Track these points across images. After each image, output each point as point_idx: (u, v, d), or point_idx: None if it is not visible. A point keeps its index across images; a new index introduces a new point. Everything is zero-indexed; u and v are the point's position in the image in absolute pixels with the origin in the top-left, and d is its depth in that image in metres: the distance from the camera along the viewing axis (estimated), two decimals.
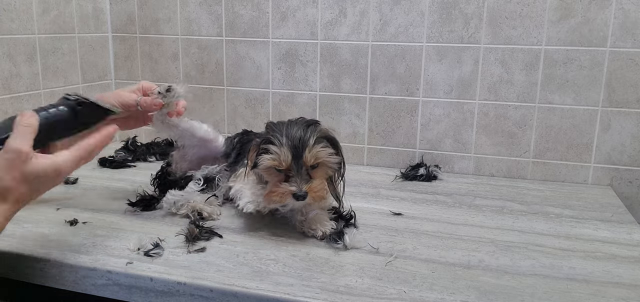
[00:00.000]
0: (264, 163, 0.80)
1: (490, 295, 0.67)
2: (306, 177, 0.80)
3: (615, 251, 0.81)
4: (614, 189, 1.13)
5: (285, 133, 0.80)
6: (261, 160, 0.80)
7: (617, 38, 1.08)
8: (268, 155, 0.79)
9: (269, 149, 0.79)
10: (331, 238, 0.81)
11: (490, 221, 0.93)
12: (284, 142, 0.79)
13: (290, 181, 0.79)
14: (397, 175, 1.18)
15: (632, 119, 1.11)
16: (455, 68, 1.18)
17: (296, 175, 0.79)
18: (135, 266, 0.72)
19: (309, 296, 0.65)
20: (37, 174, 0.63)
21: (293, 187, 0.78)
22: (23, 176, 0.62)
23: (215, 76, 1.35)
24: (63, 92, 0.78)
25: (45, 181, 0.65)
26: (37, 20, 1.17)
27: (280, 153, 0.79)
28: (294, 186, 0.78)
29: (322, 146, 0.80)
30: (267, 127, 0.85)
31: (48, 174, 0.64)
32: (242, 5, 1.29)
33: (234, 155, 0.98)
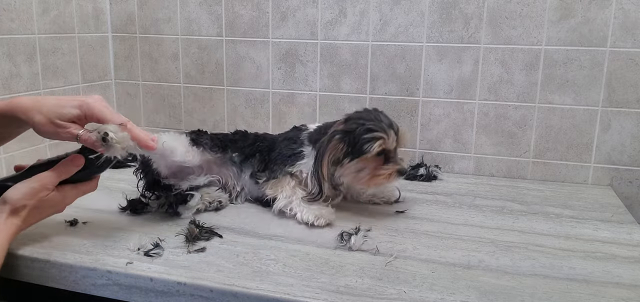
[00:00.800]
0: (375, 149, 0.87)
1: (490, 295, 0.67)
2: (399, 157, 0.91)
3: (615, 251, 0.81)
4: (614, 189, 1.13)
5: (382, 120, 0.89)
6: (369, 147, 0.87)
7: (617, 38, 1.08)
8: (377, 141, 0.87)
9: (378, 135, 0.87)
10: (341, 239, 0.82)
11: (490, 221, 0.93)
12: (387, 127, 0.88)
13: (390, 162, 0.90)
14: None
15: (632, 119, 1.11)
16: (455, 68, 1.18)
17: (395, 156, 0.90)
18: (135, 266, 0.72)
19: (309, 296, 0.65)
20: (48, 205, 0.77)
21: (398, 166, 0.90)
22: (38, 203, 0.75)
23: (215, 76, 1.35)
24: (63, 92, 0.78)
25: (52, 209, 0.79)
26: (37, 20, 1.17)
27: (389, 137, 0.88)
28: (398, 165, 0.90)
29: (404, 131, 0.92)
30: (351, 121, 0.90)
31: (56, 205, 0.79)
32: (242, 5, 1.29)
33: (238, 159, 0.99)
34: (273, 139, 1.01)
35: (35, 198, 0.74)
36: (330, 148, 0.89)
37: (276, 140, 1.00)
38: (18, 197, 0.73)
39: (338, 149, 0.89)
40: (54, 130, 0.75)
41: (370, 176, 0.90)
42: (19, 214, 0.73)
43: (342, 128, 0.90)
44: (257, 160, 0.97)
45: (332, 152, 0.89)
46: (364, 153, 0.87)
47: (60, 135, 0.75)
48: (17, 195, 0.73)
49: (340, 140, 0.89)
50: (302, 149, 0.95)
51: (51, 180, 0.76)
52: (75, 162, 0.78)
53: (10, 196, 0.74)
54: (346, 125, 0.90)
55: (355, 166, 0.90)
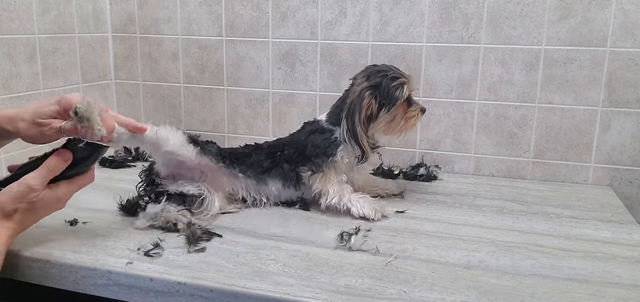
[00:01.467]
0: (405, 93, 0.93)
1: (490, 295, 0.67)
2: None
3: (615, 251, 0.81)
4: (614, 189, 1.13)
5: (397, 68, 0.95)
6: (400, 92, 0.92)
7: (617, 38, 1.08)
8: (405, 85, 0.93)
9: (402, 81, 0.92)
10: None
11: (490, 221, 0.93)
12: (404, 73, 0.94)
13: (413, 104, 0.96)
14: (397, 174, 1.18)
15: (632, 119, 1.11)
16: (455, 68, 1.18)
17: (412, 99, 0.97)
18: (135, 266, 0.72)
19: (309, 296, 0.65)
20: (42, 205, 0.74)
21: (420, 105, 0.97)
22: (29, 205, 0.73)
23: (215, 76, 1.35)
24: (63, 92, 0.78)
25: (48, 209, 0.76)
26: (37, 20, 1.17)
27: (410, 80, 0.94)
28: (419, 105, 0.97)
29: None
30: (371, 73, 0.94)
31: (51, 204, 0.76)
32: (242, 5, 1.29)
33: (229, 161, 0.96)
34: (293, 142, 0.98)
35: (25, 200, 0.72)
36: (364, 105, 0.91)
37: (298, 141, 0.97)
38: (7, 201, 0.71)
39: (372, 104, 0.92)
40: (37, 130, 0.76)
41: (404, 121, 0.95)
42: (12, 217, 0.72)
43: (367, 84, 0.92)
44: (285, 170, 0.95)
45: (367, 109, 0.91)
46: (397, 99, 0.92)
47: (44, 134, 0.76)
48: (5, 199, 0.71)
49: (371, 96, 0.91)
50: (335, 135, 0.95)
51: (39, 180, 0.73)
52: (62, 156, 0.74)
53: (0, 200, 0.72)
54: (370, 81, 0.92)
55: (389, 116, 0.94)
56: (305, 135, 0.98)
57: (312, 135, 0.97)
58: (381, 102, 0.92)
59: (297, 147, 0.96)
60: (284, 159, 0.96)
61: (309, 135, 0.97)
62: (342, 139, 0.93)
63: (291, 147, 0.97)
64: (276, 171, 0.96)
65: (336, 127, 0.95)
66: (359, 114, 0.91)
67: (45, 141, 0.78)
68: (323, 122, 0.98)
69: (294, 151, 0.96)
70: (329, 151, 0.93)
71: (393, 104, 0.92)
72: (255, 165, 0.96)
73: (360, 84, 0.93)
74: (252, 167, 0.96)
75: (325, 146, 0.94)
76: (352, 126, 0.91)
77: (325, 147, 0.93)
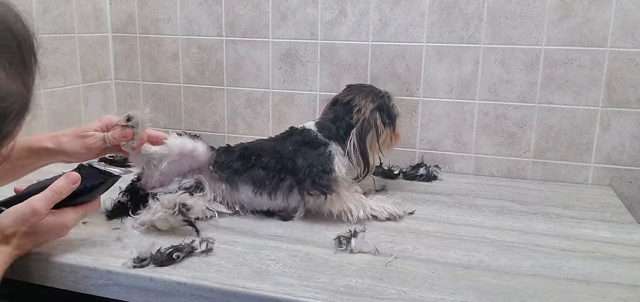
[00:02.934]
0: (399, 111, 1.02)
1: (490, 295, 0.67)
2: None
3: (615, 251, 0.81)
4: (614, 189, 1.13)
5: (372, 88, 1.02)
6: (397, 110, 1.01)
7: (617, 38, 1.08)
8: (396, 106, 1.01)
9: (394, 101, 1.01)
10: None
11: (490, 221, 0.93)
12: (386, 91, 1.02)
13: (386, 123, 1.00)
14: (397, 173, 1.18)
15: (632, 119, 1.11)
16: (455, 68, 1.18)
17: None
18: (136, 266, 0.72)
19: (309, 296, 0.65)
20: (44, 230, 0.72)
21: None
22: (30, 229, 0.70)
23: (215, 76, 1.35)
24: (63, 92, 0.79)
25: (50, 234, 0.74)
26: (37, 20, 1.17)
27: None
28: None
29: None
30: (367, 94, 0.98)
31: (53, 230, 0.73)
32: (242, 5, 1.29)
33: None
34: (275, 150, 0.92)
35: (26, 224, 0.69)
36: (379, 125, 0.97)
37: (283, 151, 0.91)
38: (7, 224, 0.68)
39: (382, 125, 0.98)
40: (81, 142, 0.81)
41: (394, 137, 1.02)
42: (10, 241, 0.69)
43: (373, 106, 0.97)
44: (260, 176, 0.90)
45: (379, 129, 0.97)
46: (396, 116, 1.01)
47: (87, 145, 0.81)
48: (6, 221, 0.68)
49: (380, 117, 0.97)
50: (330, 149, 0.92)
51: (43, 204, 0.69)
52: (70, 179, 0.72)
53: (2, 220, 0.68)
54: (374, 103, 0.97)
55: (389, 132, 1.00)
56: (293, 147, 0.92)
57: (304, 148, 0.92)
58: (385, 122, 0.98)
59: (281, 159, 0.90)
60: (260, 165, 0.90)
61: (298, 147, 0.92)
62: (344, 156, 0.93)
63: (272, 156, 0.91)
64: (247, 174, 0.90)
65: (331, 141, 0.94)
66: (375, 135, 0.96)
67: (87, 154, 0.83)
68: (315, 133, 0.95)
69: (276, 161, 0.90)
70: (327, 166, 0.89)
71: (394, 121, 1.00)
72: (225, 166, 0.90)
73: (367, 107, 0.96)
74: (222, 168, 0.90)
75: (323, 162, 0.90)
76: (364, 146, 0.94)
77: (323, 164, 0.89)
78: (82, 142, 0.81)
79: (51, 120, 1.23)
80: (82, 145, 0.81)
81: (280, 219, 0.91)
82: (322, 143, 0.93)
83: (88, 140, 0.81)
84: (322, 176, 0.88)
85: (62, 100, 1.26)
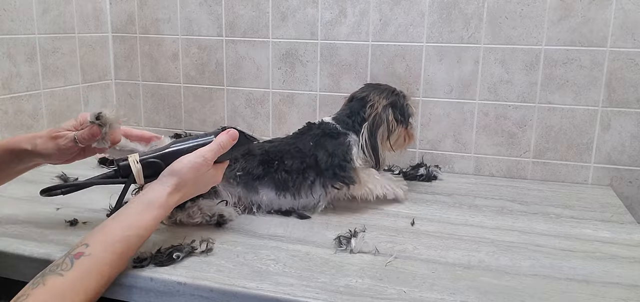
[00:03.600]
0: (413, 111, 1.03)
1: (490, 295, 0.67)
2: None
3: (615, 251, 0.81)
4: (614, 189, 1.13)
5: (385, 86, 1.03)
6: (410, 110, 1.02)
7: (617, 38, 1.08)
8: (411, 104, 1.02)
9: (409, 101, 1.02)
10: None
11: (490, 221, 0.93)
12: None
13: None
14: (397, 173, 1.18)
15: (632, 119, 1.11)
16: (455, 68, 1.18)
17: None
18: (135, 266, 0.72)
19: (309, 296, 0.65)
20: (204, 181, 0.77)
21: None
22: (197, 178, 0.75)
23: (215, 76, 1.35)
24: (63, 92, 0.79)
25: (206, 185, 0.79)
26: (37, 20, 1.18)
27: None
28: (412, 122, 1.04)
29: None
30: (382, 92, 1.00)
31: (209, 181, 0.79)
32: (242, 5, 1.29)
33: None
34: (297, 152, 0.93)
35: (198, 172, 0.74)
36: (390, 122, 0.98)
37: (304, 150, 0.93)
38: (185, 171, 0.73)
39: (394, 121, 0.99)
40: (54, 144, 0.79)
41: (408, 137, 1.03)
42: (181, 189, 0.73)
43: (387, 102, 0.99)
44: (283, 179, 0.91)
45: (390, 125, 0.98)
46: (410, 116, 1.02)
47: (59, 146, 0.79)
48: (184, 169, 0.73)
49: (392, 113, 0.99)
50: (349, 139, 0.96)
51: (211, 155, 0.75)
52: (230, 135, 0.78)
53: (178, 169, 0.73)
54: (388, 100, 0.99)
55: (401, 131, 1.01)
56: (313, 141, 0.94)
57: (324, 139, 0.94)
58: (398, 119, 1.00)
59: (304, 158, 0.92)
60: (284, 169, 0.91)
61: (318, 139, 0.94)
62: (359, 148, 0.96)
63: (295, 157, 0.92)
64: (269, 178, 0.91)
65: (349, 132, 0.97)
66: (386, 130, 0.98)
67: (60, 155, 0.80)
68: (334, 125, 0.98)
69: (300, 161, 0.91)
70: (348, 156, 0.93)
71: (407, 120, 1.02)
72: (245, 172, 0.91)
73: (380, 102, 0.98)
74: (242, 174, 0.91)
75: (344, 152, 0.93)
76: (374, 141, 0.97)
77: (343, 154, 0.93)
78: (55, 144, 0.79)
79: (51, 120, 1.23)
80: (54, 147, 0.79)
81: (298, 217, 0.92)
82: (342, 133, 0.97)
83: (60, 141, 0.79)
84: (344, 165, 0.92)
85: (62, 100, 1.26)
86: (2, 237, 0.80)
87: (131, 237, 0.67)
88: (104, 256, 0.64)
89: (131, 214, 0.69)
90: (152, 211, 0.70)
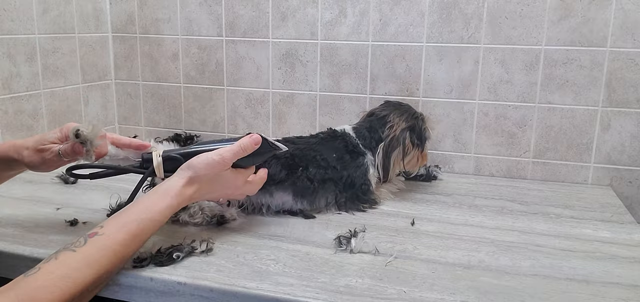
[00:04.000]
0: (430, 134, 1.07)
1: (490, 295, 0.67)
2: None
3: (615, 251, 0.81)
4: (614, 189, 1.13)
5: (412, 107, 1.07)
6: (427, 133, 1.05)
7: (617, 38, 1.08)
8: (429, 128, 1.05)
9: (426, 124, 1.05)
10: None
11: (490, 221, 0.93)
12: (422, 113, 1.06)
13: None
14: (397, 173, 1.18)
15: (632, 119, 1.11)
16: (455, 68, 1.18)
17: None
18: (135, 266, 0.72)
19: (309, 296, 0.65)
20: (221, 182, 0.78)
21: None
22: (214, 177, 0.76)
23: (215, 76, 1.35)
24: (63, 92, 0.79)
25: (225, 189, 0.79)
26: (37, 20, 1.18)
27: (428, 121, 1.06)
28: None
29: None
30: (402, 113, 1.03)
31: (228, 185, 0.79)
32: (242, 5, 1.29)
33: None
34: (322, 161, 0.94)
35: (214, 170, 0.75)
36: (407, 145, 1.01)
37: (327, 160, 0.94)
38: (201, 166, 0.74)
39: (410, 145, 1.02)
40: (39, 157, 0.79)
41: (422, 158, 1.05)
42: (195, 183, 0.74)
43: (405, 125, 1.02)
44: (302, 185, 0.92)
45: (406, 148, 1.01)
46: (427, 139, 1.05)
47: (45, 159, 0.79)
48: (200, 164, 0.74)
49: (410, 137, 1.01)
50: (366, 160, 0.99)
51: (230, 155, 0.76)
52: (253, 139, 0.78)
53: (194, 163, 0.74)
54: (407, 123, 1.02)
55: (415, 153, 1.04)
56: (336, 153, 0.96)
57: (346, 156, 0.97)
58: (415, 142, 1.02)
59: (327, 169, 0.94)
60: (307, 176, 0.92)
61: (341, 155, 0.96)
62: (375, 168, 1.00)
63: (319, 167, 0.93)
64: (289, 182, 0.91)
65: (367, 152, 1.00)
66: (401, 153, 1.00)
67: (46, 167, 0.80)
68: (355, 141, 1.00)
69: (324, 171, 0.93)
70: (365, 180, 0.98)
71: (423, 143, 1.04)
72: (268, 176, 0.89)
73: (399, 125, 1.01)
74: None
75: (361, 176, 0.97)
76: (387, 162, 1.00)
77: (362, 177, 0.97)
78: (40, 156, 0.79)
79: (51, 120, 1.23)
80: (39, 159, 0.79)
81: (303, 217, 0.92)
82: (361, 153, 0.99)
83: (45, 154, 0.79)
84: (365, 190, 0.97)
85: (62, 100, 1.26)
86: (2, 237, 0.80)
87: (145, 220, 0.69)
88: (116, 235, 0.66)
89: (146, 200, 0.71)
90: (166, 199, 0.72)
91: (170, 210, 0.72)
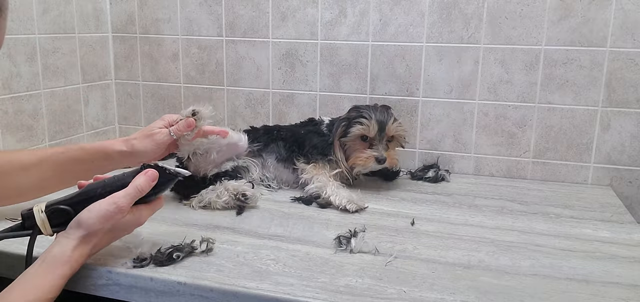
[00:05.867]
0: (355, 132, 1.04)
1: (490, 295, 0.67)
2: (385, 146, 1.05)
3: (615, 251, 0.81)
4: (614, 189, 1.13)
5: (374, 114, 1.05)
6: (352, 130, 1.04)
7: (617, 38, 1.08)
8: (360, 125, 1.03)
9: (362, 121, 1.03)
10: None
11: (490, 221, 0.93)
12: (373, 117, 1.04)
13: (373, 148, 1.04)
14: (396, 172, 1.18)
15: (632, 119, 1.11)
16: (455, 68, 1.18)
17: (378, 144, 1.04)
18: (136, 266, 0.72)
19: (309, 296, 0.66)
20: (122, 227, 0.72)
21: (375, 153, 1.04)
22: (112, 227, 0.70)
23: (215, 76, 1.35)
24: (63, 92, 0.78)
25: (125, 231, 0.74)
26: (37, 20, 1.18)
27: (370, 125, 1.03)
28: (376, 151, 1.04)
29: (398, 124, 1.07)
30: (353, 109, 1.09)
31: (129, 227, 0.73)
32: (242, 5, 1.29)
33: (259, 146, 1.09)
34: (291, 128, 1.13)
35: (110, 221, 0.67)
36: (339, 130, 1.07)
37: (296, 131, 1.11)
38: (93, 222, 0.66)
39: (341, 131, 1.07)
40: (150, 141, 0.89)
41: (354, 156, 1.06)
42: (90, 241, 0.67)
43: (345, 116, 1.09)
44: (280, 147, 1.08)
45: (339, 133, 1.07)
46: (347, 134, 1.05)
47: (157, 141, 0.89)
48: (92, 219, 0.66)
49: (343, 125, 1.07)
50: (332, 141, 1.08)
51: (127, 201, 0.68)
52: (149, 176, 0.71)
53: (85, 219, 0.66)
54: (349, 113, 1.09)
55: (349, 145, 1.07)
56: (304, 130, 1.11)
57: (311, 134, 1.10)
58: (345, 132, 1.06)
59: (294, 134, 1.10)
60: (280, 137, 1.10)
61: (308, 132, 1.10)
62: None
63: (288, 131, 1.11)
64: (271, 148, 1.08)
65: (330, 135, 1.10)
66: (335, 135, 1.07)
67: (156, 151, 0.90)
68: (324, 127, 1.12)
69: (291, 134, 1.10)
70: (325, 151, 1.07)
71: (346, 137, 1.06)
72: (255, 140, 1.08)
73: (348, 114, 1.09)
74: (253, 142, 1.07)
75: (322, 147, 1.07)
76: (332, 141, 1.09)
77: (322, 148, 1.07)
78: (152, 140, 0.89)
79: (51, 120, 1.23)
80: (151, 143, 0.89)
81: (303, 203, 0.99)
82: (328, 134, 1.10)
83: (157, 137, 0.89)
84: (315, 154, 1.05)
85: (62, 100, 1.26)
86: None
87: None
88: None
89: (33, 276, 0.63)
90: (56, 269, 0.64)
91: (64, 280, 0.64)
